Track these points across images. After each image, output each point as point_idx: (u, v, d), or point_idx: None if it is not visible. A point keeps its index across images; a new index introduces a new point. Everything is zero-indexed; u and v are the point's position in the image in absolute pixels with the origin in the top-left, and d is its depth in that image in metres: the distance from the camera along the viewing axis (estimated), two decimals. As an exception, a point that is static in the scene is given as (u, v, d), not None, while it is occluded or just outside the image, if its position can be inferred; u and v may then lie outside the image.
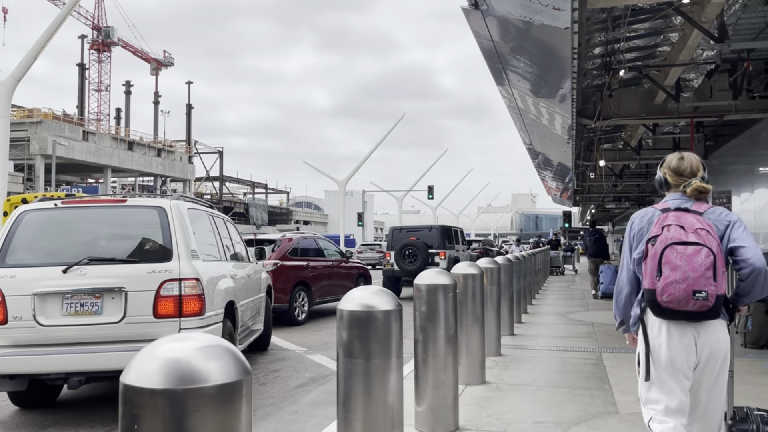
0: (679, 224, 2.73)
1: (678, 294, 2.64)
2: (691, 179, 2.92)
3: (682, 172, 2.96)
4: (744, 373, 6.21)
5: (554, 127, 12.89)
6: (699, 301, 2.63)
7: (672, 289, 2.65)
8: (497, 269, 7.06)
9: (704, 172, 2.99)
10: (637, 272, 2.91)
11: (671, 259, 2.67)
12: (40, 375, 5.15)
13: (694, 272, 2.64)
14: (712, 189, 2.93)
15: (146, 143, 58.17)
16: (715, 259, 2.66)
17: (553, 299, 14.40)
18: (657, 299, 2.69)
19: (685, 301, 2.64)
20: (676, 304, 2.66)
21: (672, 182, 2.98)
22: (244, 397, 1.47)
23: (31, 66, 22.30)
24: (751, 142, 13.89)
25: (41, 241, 5.55)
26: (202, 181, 74.48)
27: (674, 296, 2.65)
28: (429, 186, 50.21)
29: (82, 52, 67.76)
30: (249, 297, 7.39)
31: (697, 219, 2.75)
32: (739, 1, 8.50)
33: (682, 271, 2.64)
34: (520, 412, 4.85)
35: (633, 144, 17.67)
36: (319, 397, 6.02)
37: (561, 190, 28.95)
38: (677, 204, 2.87)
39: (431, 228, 17.90)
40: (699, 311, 2.65)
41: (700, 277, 2.63)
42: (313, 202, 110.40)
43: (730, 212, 2.89)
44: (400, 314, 3.05)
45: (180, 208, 5.73)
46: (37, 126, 45.41)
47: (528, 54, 8.75)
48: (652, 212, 2.93)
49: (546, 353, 7.36)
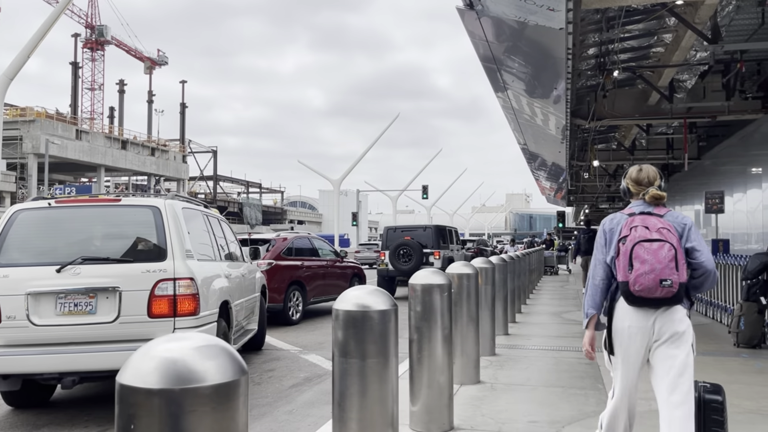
0: (644, 225, 3.18)
1: (648, 283, 3.07)
2: (648, 188, 3.37)
3: (641, 182, 3.42)
4: (737, 373, 6.24)
5: (548, 127, 12.93)
6: (665, 288, 3.06)
7: (642, 279, 3.07)
8: (492, 269, 7.08)
9: (661, 181, 3.42)
10: (612, 268, 3.28)
11: (640, 254, 3.10)
12: (34, 375, 5.13)
13: (659, 264, 3.06)
14: (666, 195, 3.35)
15: (140, 142, 58.00)
16: (676, 253, 3.10)
17: (547, 299, 14.44)
18: (630, 289, 3.11)
19: (654, 289, 3.07)
20: (646, 292, 3.08)
21: (633, 190, 3.44)
22: (241, 397, 1.47)
23: (24, 64, 22.21)
24: (744, 143, 13.96)
25: (35, 241, 5.53)
26: (196, 180, 74.34)
27: (645, 285, 3.07)
28: (423, 186, 50.26)
29: (75, 50, 67.51)
30: (243, 297, 7.38)
31: (659, 220, 3.21)
32: (732, 2, 8.55)
33: (650, 263, 3.07)
34: (514, 412, 4.86)
35: (627, 144, 17.74)
36: (314, 396, 6.02)
37: (555, 190, 29.03)
38: (641, 209, 3.32)
39: (426, 228, 17.92)
40: (665, 297, 3.08)
41: (665, 268, 3.06)
42: (307, 201, 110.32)
43: (685, 216, 3.37)
44: (395, 314, 3.05)
45: (174, 208, 5.72)
46: (30, 125, 45.20)
47: (522, 54, 8.77)
48: (620, 216, 3.36)
49: (540, 353, 7.39)
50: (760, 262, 7.63)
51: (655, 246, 3.10)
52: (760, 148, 12.93)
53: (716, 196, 13.31)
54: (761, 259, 7.68)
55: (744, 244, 13.63)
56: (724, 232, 14.17)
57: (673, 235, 3.14)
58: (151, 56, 75.01)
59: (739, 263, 8.53)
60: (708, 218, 15.52)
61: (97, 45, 69.33)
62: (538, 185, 30.92)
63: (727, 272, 9.27)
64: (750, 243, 13.27)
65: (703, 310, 10.79)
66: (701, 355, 7.20)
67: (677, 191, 22.21)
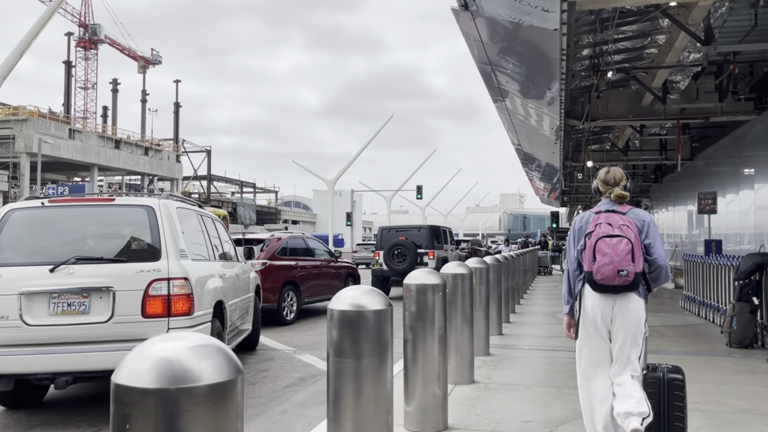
0: (607, 222, 3.65)
1: (607, 273, 3.55)
2: (614, 188, 3.81)
3: (608, 182, 3.86)
4: (729, 373, 6.27)
5: (542, 127, 12.96)
6: (622, 277, 3.54)
7: (603, 269, 3.56)
8: (486, 269, 7.10)
9: (627, 182, 3.86)
10: (579, 259, 3.78)
11: (602, 248, 3.58)
12: (27, 375, 5.11)
13: (617, 257, 3.54)
14: (629, 195, 3.83)
15: (133, 142, 57.79)
16: (633, 247, 3.56)
17: (541, 299, 14.48)
18: (593, 278, 3.60)
19: (612, 278, 3.55)
20: (607, 281, 3.57)
21: (602, 190, 3.89)
22: (236, 397, 1.47)
23: (16, 63, 22.13)
24: (737, 144, 14.03)
25: (28, 240, 5.50)
26: (190, 180, 74.11)
27: (605, 275, 3.56)
28: (418, 186, 50.30)
29: (68, 49, 67.20)
30: (238, 297, 7.37)
31: (621, 218, 3.67)
32: (725, 4, 8.59)
33: (609, 256, 3.55)
34: (508, 412, 4.87)
35: (620, 145, 17.81)
36: (308, 396, 6.02)
37: (549, 191, 29.10)
38: (607, 207, 3.78)
39: (420, 228, 17.93)
40: (622, 285, 3.57)
41: (622, 260, 3.54)
42: (301, 201, 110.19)
43: (646, 213, 3.86)
44: (390, 314, 3.06)
45: (169, 208, 5.70)
46: (23, 124, 44.95)
47: (517, 55, 8.79)
48: (589, 215, 3.82)
49: (534, 353, 7.41)
50: (752, 262, 7.68)
51: (614, 241, 3.57)
52: (752, 149, 13.00)
53: (709, 197, 13.38)
54: (753, 259, 7.72)
55: (736, 244, 13.70)
56: (717, 232, 14.23)
57: (632, 231, 3.61)
58: (145, 55, 74.77)
59: (732, 264, 8.57)
60: (701, 219, 15.59)
61: (90, 44, 69.04)
62: (532, 186, 30.98)
63: (720, 273, 9.31)
64: (742, 243, 13.34)
65: (696, 310, 10.85)
66: (694, 355, 7.25)
67: (670, 192, 22.30)
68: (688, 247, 18.19)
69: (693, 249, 16.58)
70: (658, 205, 25.45)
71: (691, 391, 5.46)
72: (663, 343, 8.13)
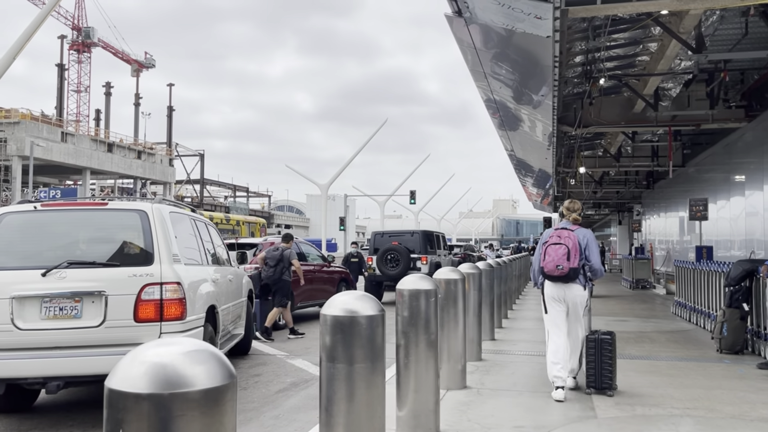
0: (558, 235, 5.52)
1: (550, 267, 5.44)
2: (572, 213, 5.74)
3: (569, 209, 5.78)
4: (719, 379, 6.31)
5: (535, 133, 13.01)
6: (559, 270, 5.40)
7: (548, 265, 5.45)
8: (478, 274, 7.12)
9: (582, 211, 5.93)
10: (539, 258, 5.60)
11: (549, 251, 5.48)
12: (18, 379, 5.09)
13: (556, 256, 5.41)
14: (581, 219, 5.79)
15: (126, 145, 57.58)
16: (569, 251, 5.39)
17: (533, 304, 14.50)
18: (544, 270, 5.50)
19: (553, 271, 5.43)
20: (549, 272, 5.46)
21: (565, 213, 5.81)
22: (229, 402, 1.48)
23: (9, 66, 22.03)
24: (727, 151, 14.13)
25: (20, 244, 5.49)
26: (183, 183, 73.87)
27: (548, 268, 5.46)
28: (411, 191, 50.27)
29: (61, 52, 66.92)
30: (230, 301, 7.36)
31: (569, 233, 5.51)
32: (716, 12, 8.67)
33: (551, 256, 5.45)
34: (500, 417, 4.89)
35: (613, 151, 17.90)
36: (301, 401, 6.02)
37: (541, 196, 29.18)
38: (563, 225, 5.69)
39: (413, 233, 17.96)
40: (560, 275, 5.42)
41: (559, 259, 5.40)
42: (294, 206, 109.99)
43: (588, 231, 5.69)
44: (383, 319, 3.07)
45: (162, 212, 5.70)
46: (15, 126, 44.72)
47: (510, 61, 8.84)
48: (552, 230, 5.70)
49: (526, 358, 7.43)
50: (742, 269, 7.73)
51: (557, 247, 5.44)
52: (743, 156, 13.10)
53: (700, 204, 13.47)
54: (744, 266, 7.78)
55: (727, 250, 13.79)
56: (708, 239, 14.32)
57: (571, 241, 5.41)
58: (138, 59, 74.54)
59: (722, 270, 8.63)
60: (692, 225, 15.68)
61: (83, 47, 68.80)
62: (525, 191, 31.06)
63: (711, 279, 9.37)
64: (733, 250, 13.42)
65: (687, 316, 10.90)
66: (684, 360, 7.29)
67: (662, 198, 22.42)
68: (680, 253, 18.28)
69: (684, 255, 16.67)
70: (650, 211, 25.57)
71: (681, 396, 5.51)
72: (654, 348, 8.16)
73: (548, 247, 5.45)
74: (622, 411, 5.06)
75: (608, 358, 5.51)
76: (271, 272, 10.35)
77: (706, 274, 9.65)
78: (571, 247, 5.33)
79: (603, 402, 5.30)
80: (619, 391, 5.63)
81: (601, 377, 5.50)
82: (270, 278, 10.35)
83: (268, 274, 10.37)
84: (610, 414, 4.96)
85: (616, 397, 5.45)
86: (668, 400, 5.41)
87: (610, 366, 5.51)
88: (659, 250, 22.18)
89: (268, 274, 10.36)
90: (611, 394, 5.47)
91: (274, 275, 10.31)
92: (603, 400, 5.37)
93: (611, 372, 5.51)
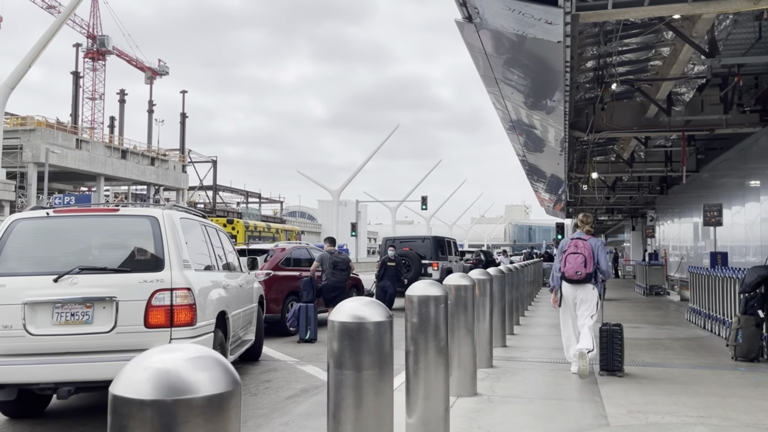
0: (575, 245, 6.74)
1: (570, 273, 6.66)
2: (586, 225, 6.98)
3: (583, 221, 7.04)
4: (734, 386, 6.23)
5: (547, 139, 12.96)
6: (577, 275, 6.62)
7: (568, 271, 6.68)
8: (489, 281, 7.08)
9: (593, 223, 7.07)
10: (559, 264, 6.86)
11: (568, 259, 6.70)
12: (30, 385, 5.11)
13: (575, 264, 6.63)
14: (593, 230, 6.99)
15: (140, 152, 58.05)
16: (585, 259, 6.62)
17: (546, 310, 14.41)
18: (564, 275, 6.74)
19: (573, 276, 6.66)
20: (569, 277, 6.68)
21: (579, 225, 7.04)
22: (233, 408, 1.47)
23: (25, 74, 22.32)
24: (742, 156, 13.98)
25: (32, 250, 5.53)
26: (196, 190, 74.29)
27: (569, 274, 6.67)
28: (423, 196, 50.27)
29: (76, 60, 67.68)
30: (241, 307, 7.37)
31: (583, 243, 6.73)
32: (729, 16, 8.60)
33: (571, 263, 6.66)
34: (510, 425, 4.84)
35: (625, 156, 17.78)
36: (311, 408, 6.00)
37: (554, 202, 29.05)
38: (578, 236, 6.88)
39: (424, 239, 17.92)
40: (579, 279, 6.63)
41: (578, 266, 6.62)
42: (306, 211, 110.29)
43: (597, 240, 6.84)
44: (391, 326, 3.05)
45: (172, 218, 5.72)
46: (31, 134, 45.24)
47: (521, 67, 8.81)
48: (567, 240, 6.94)
49: (538, 365, 7.37)
50: (757, 275, 7.63)
51: (575, 256, 6.68)
52: (758, 161, 12.96)
53: (714, 209, 13.32)
54: (759, 272, 7.68)
55: (742, 256, 13.62)
56: (723, 244, 14.16)
57: (587, 250, 6.66)
58: (152, 66, 75.23)
59: (737, 276, 8.52)
60: (706, 231, 15.52)
61: (98, 55, 69.56)
62: (537, 197, 30.94)
63: (725, 285, 9.26)
64: (748, 256, 13.26)
65: (701, 323, 10.78)
66: (698, 368, 7.20)
67: (676, 204, 22.22)
68: (694, 259, 18.10)
69: (698, 261, 16.49)
70: (663, 216, 25.35)
71: (695, 404, 5.44)
72: (668, 355, 8.07)
73: (568, 255, 6.70)
74: (635, 419, 5.00)
75: (618, 345, 6.58)
76: (344, 276, 11.06)
77: (720, 281, 9.54)
78: (587, 255, 6.63)
79: (615, 410, 5.25)
80: (632, 399, 5.56)
81: (612, 361, 6.59)
82: (344, 282, 10.98)
83: (343, 278, 11.02)
84: (623, 422, 4.90)
85: (628, 405, 5.39)
86: (682, 408, 5.34)
87: (620, 352, 6.61)
88: (673, 256, 21.97)
89: (342, 277, 10.89)
90: (621, 375, 6.54)
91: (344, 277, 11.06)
92: (615, 407, 5.32)
93: (620, 357, 6.61)
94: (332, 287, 10.80)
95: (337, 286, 10.86)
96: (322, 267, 10.91)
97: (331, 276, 10.81)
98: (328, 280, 10.81)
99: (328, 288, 10.81)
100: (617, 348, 6.54)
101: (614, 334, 6.52)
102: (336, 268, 10.83)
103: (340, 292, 10.67)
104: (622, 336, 6.56)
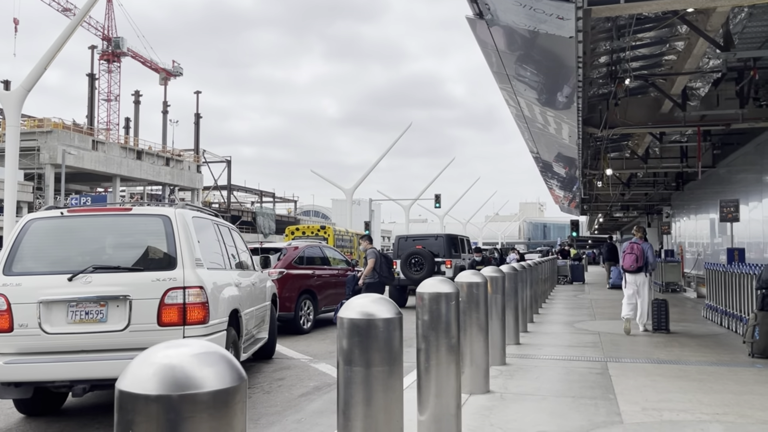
0: (630, 246, 10.16)
1: (627, 266, 10.07)
2: (638, 234, 10.36)
3: (636, 232, 10.47)
4: (751, 384, 6.15)
5: (561, 135, 12.87)
6: (632, 268, 10.00)
7: (626, 264, 10.10)
8: (501, 278, 7.05)
9: (645, 232, 10.75)
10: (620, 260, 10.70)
11: (626, 258, 10.10)
12: (45, 382, 5.17)
13: (630, 260, 10.02)
14: (644, 237, 10.40)
15: (155, 152, 58.47)
16: (637, 256, 9.95)
17: (560, 308, 14.33)
18: (623, 267, 10.22)
19: (629, 268, 10.05)
20: (628, 268, 10.08)
21: (634, 233, 10.46)
22: (239, 404, 1.47)
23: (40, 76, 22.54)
24: (759, 151, 13.81)
25: (47, 250, 5.59)
26: (210, 189, 74.69)
27: (627, 267, 10.10)
28: (436, 195, 50.12)
29: (92, 62, 68.33)
30: (254, 305, 7.40)
31: (637, 245, 10.09)
32: (744, 9, 8.48)
33: (627, 260, 10.06)
34: (523, 422, 4.82)
35: (640, 153, 17.60)
36: (323, 405, 6.01)
37: (569, 200, 28.86)
38: (634, 241, 10.21)
39: (437, 237, 17.88)
40: (633, 270, 10.00)
41: (633, 262, 9.99)
42: (320, 210, 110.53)
43: (647, 243, 10.20)
44: (400, 322, 3.05)
45: (185, 217, 5.76)
46: (47, 135, 45.75)
47: (534, 63, 8.75)
48: (628, 243, 10.29)
49: (551, 362, 7.33)
50: (774, 271, 7.56)
51: (630, 255, 9.96)
52: (775, 156, 12.78)
53: (731, 205, 13.16)
54: (776, 268, 7.61)
55: (759, 253, 13.46)
56: (740, 241, 14.00)
57: (639, 250, 9.94)
58: (167, 67, 75.72)
59: (754, 272, 8.42)
60: (723, 227, 15.35)
61: (113, 57, 70.13)
62: (552, 194, 30.76)
63: (742, 281, 9.15)
64: (766, 252, 13.10)
65: (718, 319, 10.66)
66: (715, 365, 7.12)
67: (692, 200, 21.99)
68: (711, 255, 17.90)
69: (715, 257, 16.32)
70: (679, 213, 25.09)
71: (710, 402, 5.38)
72: (683, 352, 8.00)
73: (626, 255, 10.01)
74: (649, 416, 4.96)
75: (665, 312, 9.82)
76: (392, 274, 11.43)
77: (737, 277, 9.43)
78: (638, 254, 9.88)
79: (629, 407, 5.21)
80: (647, 396, 5.52)
81: (660, 323, 9.82)
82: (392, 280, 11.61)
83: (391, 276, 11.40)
84: (637, 419, 4.86)
85: (642, 402, 5.34)
86: (697, 405, 5.29)
87: (666, 316, 9.82)
88: (689, 254, 21.75)
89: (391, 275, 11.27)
90: (667, 331, 9.71)
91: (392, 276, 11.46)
92: (630, 404, 5.28)
93: (667, 320, 9.83)
94: (381, 284, 10.81)
95: (385, 283, 11.07)
96: (376, 264, 10.71)
97: (387, 273, 10.95)
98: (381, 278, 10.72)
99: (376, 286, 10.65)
100: (664, 314, 9.82)
101: (662, 305, 9.86)
102: (388, 265, 11.05)
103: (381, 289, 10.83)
104: (667, 306, 9.88)
